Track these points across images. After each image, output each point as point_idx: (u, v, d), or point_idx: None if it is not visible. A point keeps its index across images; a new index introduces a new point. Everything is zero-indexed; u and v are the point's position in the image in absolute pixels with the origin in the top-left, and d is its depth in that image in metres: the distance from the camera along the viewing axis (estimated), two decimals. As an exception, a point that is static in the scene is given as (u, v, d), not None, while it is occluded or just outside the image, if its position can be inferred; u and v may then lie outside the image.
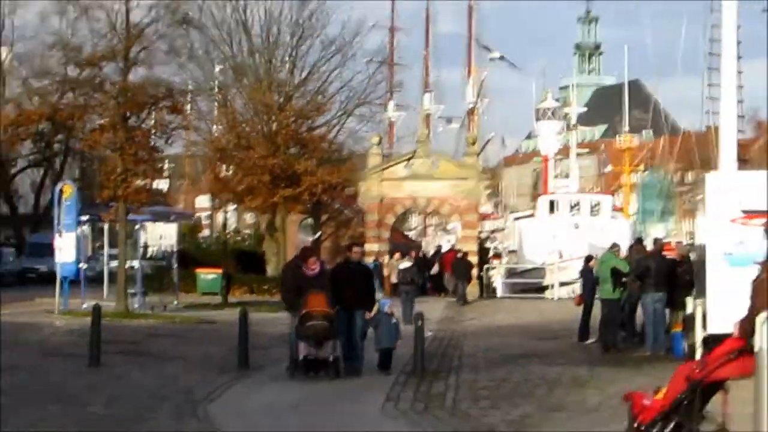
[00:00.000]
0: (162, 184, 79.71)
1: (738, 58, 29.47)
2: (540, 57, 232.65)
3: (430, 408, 15.69)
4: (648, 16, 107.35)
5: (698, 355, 19.15)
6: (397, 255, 43.21)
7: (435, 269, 49.80)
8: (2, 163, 66.63)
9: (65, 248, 36.04)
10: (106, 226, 41.50)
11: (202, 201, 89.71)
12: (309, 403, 16.34)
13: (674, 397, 9.17)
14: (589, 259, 28.10)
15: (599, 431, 13.21)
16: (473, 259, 48.43)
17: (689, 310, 20.90)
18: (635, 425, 9.34)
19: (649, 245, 27.40)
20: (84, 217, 40.87)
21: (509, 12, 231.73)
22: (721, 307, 18.93)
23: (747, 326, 9.10)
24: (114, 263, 38.34)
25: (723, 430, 9.26)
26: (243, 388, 18.02)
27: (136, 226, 39.19)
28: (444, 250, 55.76)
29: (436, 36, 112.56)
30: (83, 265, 38.24)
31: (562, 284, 48.12)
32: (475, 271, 48.03)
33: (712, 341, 19.29)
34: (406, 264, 36.41)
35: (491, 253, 60.70)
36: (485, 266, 52.36)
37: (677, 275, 23.17)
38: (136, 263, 38.29)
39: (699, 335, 19.62)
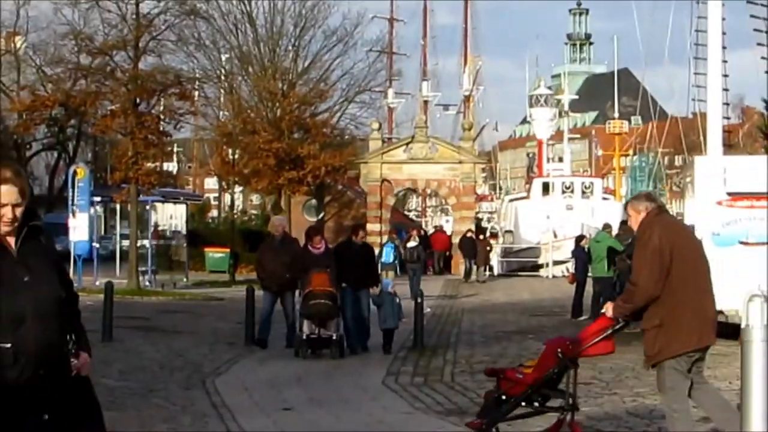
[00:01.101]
0: (171, 167, 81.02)
1: (723, 48, 30.84)
2: (533, 47, 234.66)
3: (429, 382, 15.70)
4: (637, 7, 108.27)
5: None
6: (393, 235, 44.23)
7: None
8: (18, 147, 67.88)
9: (79, 228, 36.49)
10: (117, 207, 41.48)
11: (210, 183, 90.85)
12: (312, 376, 16.26)
13: (546, 371, 9.11)
14: (580, 238, 28.50)
15: (590, 403, 13.18)
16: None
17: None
18: (503, 397, 9.25)
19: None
20: (96, 198, 40.98)
21: (504, 4, 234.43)
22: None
23: (621, 309, 9.22)
24: (125, 242, 38.71)
25: (574, 404, 9.34)
26: (249, 363, 18.00)
27: (147, 207, 39.61)
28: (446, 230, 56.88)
29: (433, 27, 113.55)
30: (96, 244, 38.64)
31: (556, 263, 48.51)
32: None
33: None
34: (413, 243, 37.04)
35: (488, 233, 61.58)
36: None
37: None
38: (146, 242, 38.80)
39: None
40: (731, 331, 18.28)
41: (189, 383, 15.56)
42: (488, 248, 47.60)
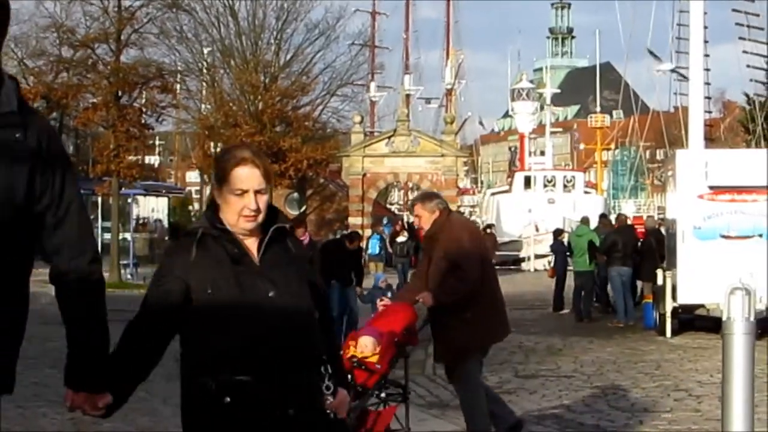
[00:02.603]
0: (153, 160, 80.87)
1: (705, 43, 30.96)
2: (516, 40, 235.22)
3: (411, 375, 15.10)
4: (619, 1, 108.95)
5: (668, 325, 20.01)
6: (379, 228, 44.34)
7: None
8: None
9: (60, 221, 36.81)
10: (99, 200, 41.73)
11: (192, 176, 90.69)
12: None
13: (390, 360, 9.21)
14: (558, 233, 28.40)
15: (572, 396, 13.39)
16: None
17: (659, 281, 21.03)
18: (360, 389, 8.88)
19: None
20: (78, 191, 41.75)
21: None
22: (689, 279, 19.67)
23: (445, 299, 9.43)
24: (107, 235, 38.59)
25: (406, 392, 9.67)
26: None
27: (129, 200, 39.85)
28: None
29: (416, 20, 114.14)
30: (78, 237, 39.34)
31: (538, 256, 48.41)
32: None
33: (682, 311, 20.30)
34: (402, 239, 37.09)
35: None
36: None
37: (645, 248, 23.30)
38: (128, 235, 39.01)
39: (669, 305, 20.16)
40: (712, 324, 18.43)
41: (171, 376, 15.39)
42: (495, 242, 47.56)
